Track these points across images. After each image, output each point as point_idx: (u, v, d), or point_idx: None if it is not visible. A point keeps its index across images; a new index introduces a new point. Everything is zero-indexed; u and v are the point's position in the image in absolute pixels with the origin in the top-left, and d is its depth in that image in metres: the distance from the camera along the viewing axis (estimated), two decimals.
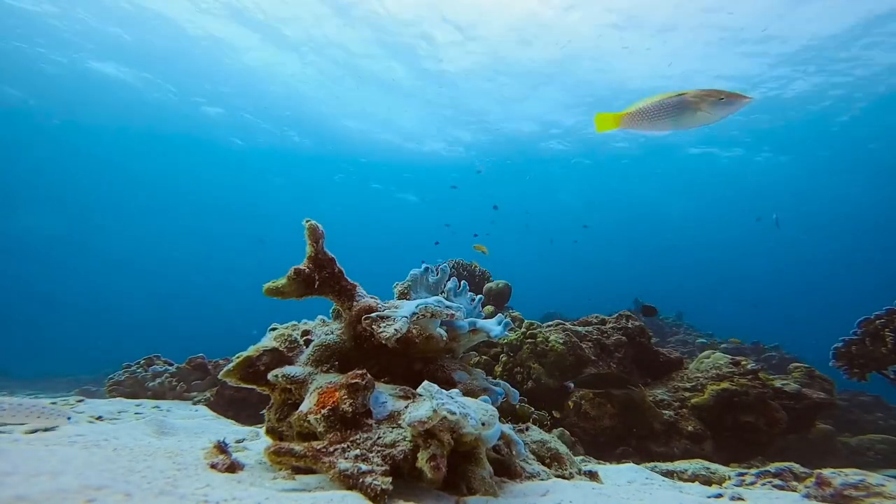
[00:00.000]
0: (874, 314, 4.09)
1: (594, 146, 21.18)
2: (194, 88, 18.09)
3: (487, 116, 19.13)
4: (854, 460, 4.16)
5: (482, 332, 1.93)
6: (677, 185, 26.61)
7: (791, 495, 2.05)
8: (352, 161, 25.34)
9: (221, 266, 49.17)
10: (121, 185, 31.89)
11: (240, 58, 15.60)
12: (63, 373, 13.00)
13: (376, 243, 43.31)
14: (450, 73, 15.97)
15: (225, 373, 1.62)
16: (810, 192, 25.80)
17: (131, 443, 1.54)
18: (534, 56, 14.65)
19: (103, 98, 18.73)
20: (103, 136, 23.59)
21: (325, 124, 20.62)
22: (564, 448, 2.05)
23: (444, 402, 1.26)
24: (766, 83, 15.05)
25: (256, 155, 25.23)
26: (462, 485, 1.34)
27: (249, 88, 17.69)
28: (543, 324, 4.82)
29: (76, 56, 15.41)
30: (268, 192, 33.09)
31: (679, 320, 11.07)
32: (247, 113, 19.91)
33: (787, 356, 8.03)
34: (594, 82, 15.80)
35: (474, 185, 25.53)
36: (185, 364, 4.85)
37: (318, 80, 16.90)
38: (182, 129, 22.13)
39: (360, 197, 31.31)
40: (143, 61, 16.02)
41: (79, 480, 0.95)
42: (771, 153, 21.24)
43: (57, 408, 1.43)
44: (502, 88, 16.87)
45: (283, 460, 1.29)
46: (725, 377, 4.17)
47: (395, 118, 19.65)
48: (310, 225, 1.65)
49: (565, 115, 18.35)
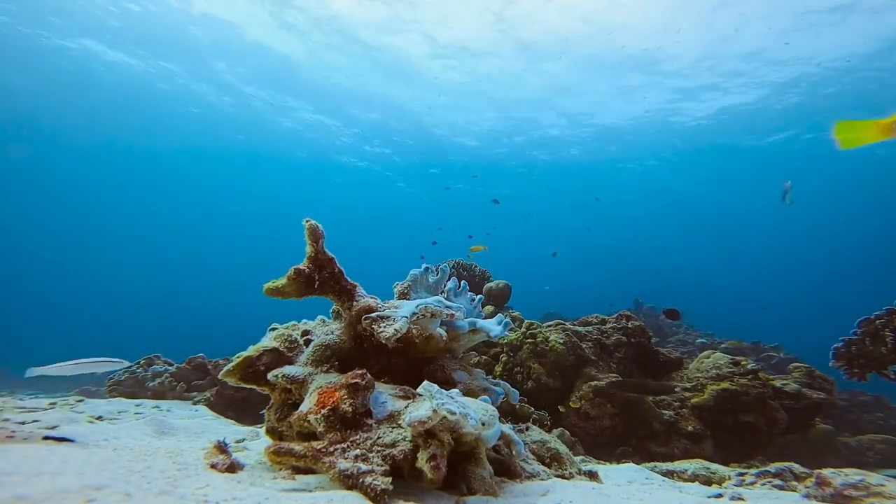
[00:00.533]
0: (874, 314, 4.09)
1: (595, 146, 21.19)
2: (193, 73, 17.69)
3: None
4: (854, 460, 4.16)
5: (482, 332, 1.94)
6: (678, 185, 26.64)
7: (791, 495, 2.05)
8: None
9: (222, 266, 49.19)
10: (121, 185, 31.91)
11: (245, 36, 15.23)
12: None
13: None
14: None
15: (225, 373, 1.62)
16: (810, 192, 25.81)
17: (131, 443, 1.54)
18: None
19: (104, 97, 18.73)
20: (104, 137, 23.60)
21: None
22: (564, 448, 2.05)
23: (444, 402, 1.26)
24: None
25: (259, 156, 25.25)
26: (462, 485, 1.34)
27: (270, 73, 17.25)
28: (543, 324, 4.82)
29: (76, 45, 15.18)
30: (268, 192, 33.12)
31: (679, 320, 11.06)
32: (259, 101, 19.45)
33: (787, 356, 8.03)
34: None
35: (474, 185, 25.56)
36: (185, 364, 4.86)
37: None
38: (183, 129, 22.15)
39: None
40: (146, 50, 15.78)
41: (79, 480, 0.95)
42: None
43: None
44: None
45: (283, 460, 1.29)
46: (725, 377, 4.17)
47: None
48: (310, 225, 1.65)
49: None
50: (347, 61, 15.73)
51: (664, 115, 17.88)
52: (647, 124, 18.69)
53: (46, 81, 17.38)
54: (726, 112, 17.30)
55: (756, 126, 18.25)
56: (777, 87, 15.50)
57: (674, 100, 16.79)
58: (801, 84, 15.21)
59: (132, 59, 16.15)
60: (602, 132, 19.60)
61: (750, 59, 13.97)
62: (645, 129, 19.07)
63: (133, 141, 24.11)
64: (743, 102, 16.52)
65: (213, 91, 18.37)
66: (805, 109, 16.51)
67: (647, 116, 17.98)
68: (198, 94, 18.67)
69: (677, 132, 19.30)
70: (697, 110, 17.44)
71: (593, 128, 19.30)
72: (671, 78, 15.35)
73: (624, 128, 19.05)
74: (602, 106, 17.55)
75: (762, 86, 15.40)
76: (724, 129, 18.59)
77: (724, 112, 17.32)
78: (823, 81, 14.94)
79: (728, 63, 14.23)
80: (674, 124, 18.64)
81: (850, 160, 20.82)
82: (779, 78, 14.92)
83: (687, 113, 17.70)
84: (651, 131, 19.25)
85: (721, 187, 27.30)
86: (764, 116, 17.41)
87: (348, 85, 17.30)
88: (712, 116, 17.77)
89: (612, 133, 19.61)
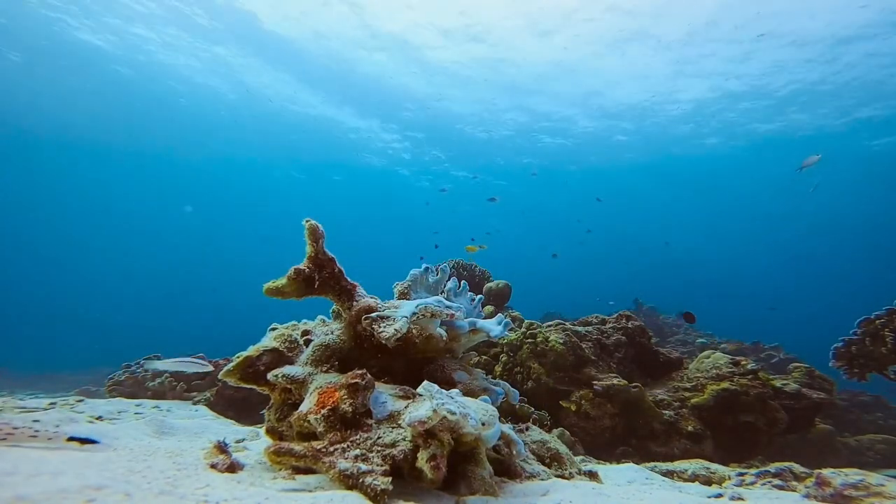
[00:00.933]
0: (874, 314, 4.09)
1: (598, 147, 21.15)
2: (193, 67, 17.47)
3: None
4: (854, 460, 4.16)
5: (482, 332, 1.94)
6: (676, 185, 26.61)
7: (791, 495, 2.05)
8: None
9: (222, 266, 49.20)
10: (120, 184, 31.91)
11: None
12: (63, 372, 12.99)
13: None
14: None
15: (225, 373, 1.62)
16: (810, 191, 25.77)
17: (131, 443, 1.54)
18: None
19: (106, 96, 18.73)
20: (105, 137, 23.61)
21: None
22: (564, 448, 2.05)
23: (444, 402, 1.26)
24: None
25: (263, 158, 25.24)
26: (462, 485, 1.34)
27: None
28: (543, 324, 4.82)
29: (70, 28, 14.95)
30: (267, 192, 33.12)
31: (679, 320, 11.07)
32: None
33: (787, 356, 8.03)
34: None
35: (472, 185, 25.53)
36: None
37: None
38: (184, 129, 22.16)
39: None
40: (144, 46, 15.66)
41: (79, 480, 0.95)
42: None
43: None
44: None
45: (283, 460, 1.30)
46: (725, 377, 4.17)
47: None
48: (310, 225, 1.65)
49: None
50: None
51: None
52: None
53: (49, 80, 17.38)
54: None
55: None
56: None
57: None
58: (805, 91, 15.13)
59: (138, 56, 16.10)
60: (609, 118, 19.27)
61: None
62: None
63: (133, 141, 24.12)
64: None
65: (219, 85, 18.19)
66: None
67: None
68: (197, 93, 18.67)
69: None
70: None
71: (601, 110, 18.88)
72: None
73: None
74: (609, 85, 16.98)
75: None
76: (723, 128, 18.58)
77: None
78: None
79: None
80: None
81: (850, 161, 20.81)
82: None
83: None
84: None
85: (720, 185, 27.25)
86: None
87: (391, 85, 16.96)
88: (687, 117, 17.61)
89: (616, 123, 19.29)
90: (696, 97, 16.82)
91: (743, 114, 17.59)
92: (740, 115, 17.77)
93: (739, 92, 16.09)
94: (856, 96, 15.56)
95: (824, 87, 15.30)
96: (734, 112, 17.55)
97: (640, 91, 16.67)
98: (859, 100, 15.77)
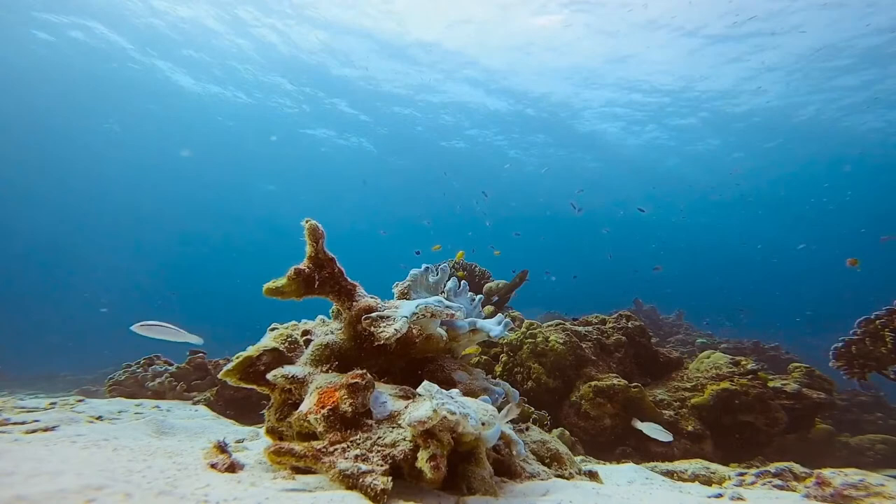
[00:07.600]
0: (874, 314, 4.09)
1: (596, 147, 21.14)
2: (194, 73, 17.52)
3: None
4: (854, 460, 4.15)
5: (482, 332, 1.94)
6: (676, 184, 26.60)
7: (791, 495, 2.05)
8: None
9: (222, 265, 49.18)
10: (120, 184, 31.89)
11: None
12: (63, 372, 12.99)
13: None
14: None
15: (225, 373, 1.62)
16: (810, 192, 25.81)
17: (131, 443, 1.54)
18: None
19: (106, 95, 18.72)
20: (104, 133, 23.60)
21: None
22: (564, 448, 2.05)
23: (444, 402, 1.26)
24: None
25: (260, 156, 25.22)
26: (462, 485, 1.34)
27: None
28: (543, 324, 4.82)
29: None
30: (269, 192, 33.11)
31: (679, 320, 11.06)
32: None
33: (786, 356, 8.02)
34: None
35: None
36: (185, 364, 4.85)
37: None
38: (185, 129, 22.15)
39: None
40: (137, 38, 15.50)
41: (79, 480, 0.95)
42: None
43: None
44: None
45: (283, 460, 1.29)
46: (725, 377, 4.17)
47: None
48: (310, 225, 1.65)
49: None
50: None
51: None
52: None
53: (50, 80, 17.37)
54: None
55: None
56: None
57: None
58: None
59: (136, 52, 16.08)
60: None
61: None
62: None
63: (134, 138, 24.10)
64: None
65: (222, 84, 18.15)
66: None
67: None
68: (197, 91, 18.66)
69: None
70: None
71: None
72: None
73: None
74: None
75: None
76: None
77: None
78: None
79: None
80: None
81: (851, 161, 20.82)
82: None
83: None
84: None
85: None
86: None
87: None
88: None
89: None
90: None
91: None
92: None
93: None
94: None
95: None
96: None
97: (639, 95, 16.74)
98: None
